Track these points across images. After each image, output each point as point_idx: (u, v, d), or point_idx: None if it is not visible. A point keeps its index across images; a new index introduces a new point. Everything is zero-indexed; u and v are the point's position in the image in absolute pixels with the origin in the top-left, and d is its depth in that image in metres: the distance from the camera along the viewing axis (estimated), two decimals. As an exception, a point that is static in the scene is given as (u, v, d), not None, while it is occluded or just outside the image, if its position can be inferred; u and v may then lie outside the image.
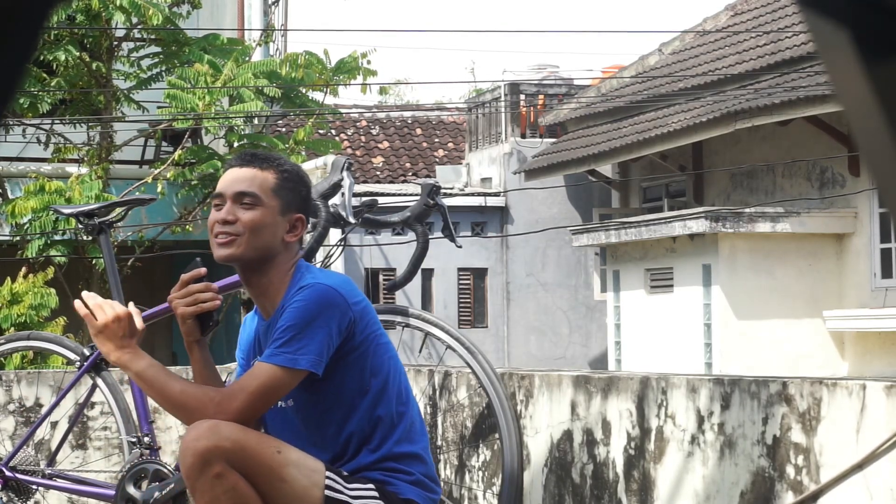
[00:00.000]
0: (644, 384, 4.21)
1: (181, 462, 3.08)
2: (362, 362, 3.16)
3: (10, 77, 0.82)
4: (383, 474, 3.17)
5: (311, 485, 3.06)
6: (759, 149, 16.09)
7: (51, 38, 12.49)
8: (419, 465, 3.23)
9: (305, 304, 3.07)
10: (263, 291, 3.20)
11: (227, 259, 3.16)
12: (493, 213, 20.30)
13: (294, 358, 3.04)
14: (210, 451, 2.99)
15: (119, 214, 4.83)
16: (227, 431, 3.02)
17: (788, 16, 16.03)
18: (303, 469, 3.07)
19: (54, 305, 11.41)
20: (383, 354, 3.20)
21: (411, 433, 3.22)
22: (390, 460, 3.19)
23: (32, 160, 13.91)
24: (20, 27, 0.81)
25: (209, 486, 3.01)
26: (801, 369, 13.81)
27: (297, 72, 13.29)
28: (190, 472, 3.02)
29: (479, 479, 5.07)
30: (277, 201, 3.18)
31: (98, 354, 4.78)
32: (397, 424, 3.20)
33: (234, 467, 3.01)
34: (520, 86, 20.96)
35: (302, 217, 3.22)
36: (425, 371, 5.40)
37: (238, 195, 3.17)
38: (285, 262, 3.19)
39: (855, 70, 0.82)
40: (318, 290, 3.09)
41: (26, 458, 4.89)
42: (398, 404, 3.21)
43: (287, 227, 3.19)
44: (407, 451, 3.20)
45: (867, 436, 3.38)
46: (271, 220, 3.16)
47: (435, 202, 4.81)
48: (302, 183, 3.26)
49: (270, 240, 3.16)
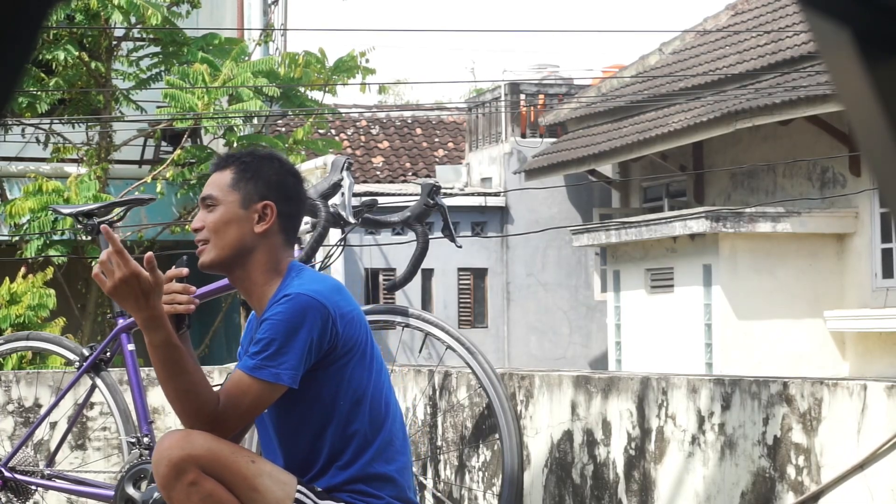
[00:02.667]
0: (644, 384, 4.20)
1: (155, 473, 3.04)
2: (340, 375, 3.09)
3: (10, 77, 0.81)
4: (352, 497, 3.10)
5: (284, 496, 3.03)
6: (760, 149, 16.09)
7: (50, 37, 12.49)
8: (390, 488, 3.14)
9: (286, 315, 3.01)
10: (249, 290, 3.15)
11: (204, 267, 3.16)
12: (493, 213, 20.31)
13: (277, 373, 3.00)
14: (184, 459, 2.97)
15: (118, 214, 4.82)
16: (199, 441, 3.00)
17: (789, 15, 16.02)
18: (276, 481, 3.04)
19: (53, 306, 11.41)
20: (364, 369, 3.12)
21: (387, 452, 3.14)
22: (360, 482, 3.11)
23: (31, 160, 13.91)
24: (20, 27, 0.80)
25: (185, 494, 2.99)
26: (802, 369, 13.81)
27: (296, 71, 13.29)
28: (164, 481, 3.00)
29: (479, 479, 5.07)
30: (236, 195, 3.13)
31: (97, 355, 4.78)
32: (372, 442, 3.12)
33: (208, 476, 3.00)
34: (520, 86, 20.96)
35: (268, 203, 3.12)
36: (425, 371, 5.39)
37: (202, 201, 3.18)
38: (266, 256, 3.12)
39: (856, 70, 0.82)
40: (300, 301, 3.01)
41: (25, 458, 4.88)
42: (375, 421, 3.13)
43: (255, 218, 3.12)
44: (379, 471, 3.13)
45: (868, 436, 3.38)
46: (233, 215, 3.12)
47: (435, 202, 4.81)
48: (265, 166, 3.17)
49: (238, 235, 3.12)
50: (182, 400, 3.05)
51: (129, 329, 4.68)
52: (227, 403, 3.03)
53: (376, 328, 4.10)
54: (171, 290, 3.14)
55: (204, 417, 3.03)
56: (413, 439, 5.30)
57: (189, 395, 3.04)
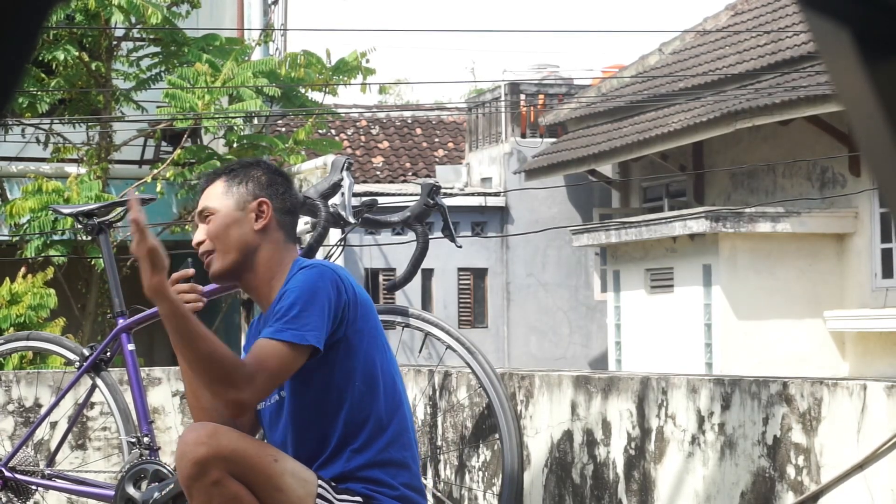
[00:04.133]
0: (644, 384, 4.20)
1: (178, 466, 3.03)
2: (354, 357, 3.11)
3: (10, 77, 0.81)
4: (367, 488, 3.10)
5: (306, 494, 3.03)
6: (760, 149, 16.09)
7: (50, 37, 12.49)
8: (405, 474, 3.15)
9: (304, 282, 3.05)
10: (258, 291, 3.19)
11: (215, 277, 3.20)
12: (493, 213, 20.31)
13: (302, 334, 2.99)
14: (209, 457, 2.96)
15: (118, 214, 4.83)
16: (226, 439, 2.99)
17: (789, 15, 16.02)
18: (298, 479, 3.04)
19: (53, 306, 11.40)
20: (377, 354, 3.15)
21: (400, 440, 3.16)
22: (375, 467, 3.12)
23: (31, 160, 13.91)
24: (19, 27, 0.80)
25: (205, 492, 2.97)
26: (802, 369, 13.81)
27: (297, 71, 13.29)
28: (187, 478, 2.99)
29: (479, 479, 5.07)
30: (230, 200, 3.19)
31: (97, 354, 4.78)
32: (387, 427, 3.14)
33: (231, 475, 2.98)
34: (520, 86, 20.96)
35: (262, 200, 3.18)
36: (425, 371, 5.39)
37: (199, 215, 3.24)
38: (270, 253, 3.17)
39: (855, 70, 0.82)
40: (314, 270, 3.09)
41: (26, 458, 4.88)
42: (389, 408, 3.14)
43: (253, 217, 3.18)
44: (395, 457, 3.14)
45: (868, 436, 3.38)
46: (230, 219, 3.17)
47: (435, 202, 4.81)
48: (252, 170, 3.24)
49: (239, 236, 3.17)
50: (206, 367, 2.94)
51: (128, 329, 4.68)
52: (255, 367, 2.96)
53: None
54: (179, 291, 3.16)
55: (233, 382, 2.93)
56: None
57: (212, 359, 2.93)
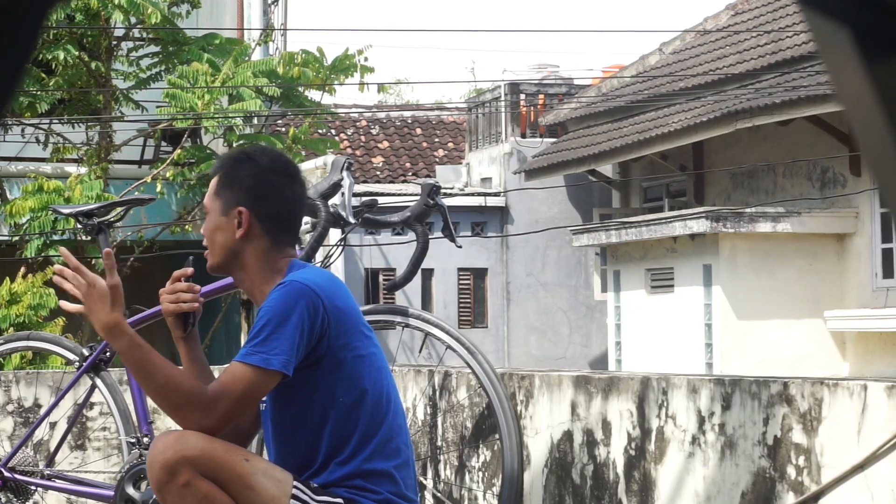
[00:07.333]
0: (644, 384, 4.20)
1: (149, 475, 3.03)
2: (336, 372, 3.08)
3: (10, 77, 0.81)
4: (349, 492, 3.09)
5: (280, 494, 3.02)
6: (760, 149, 16.09)
7: (50, 37, 12.49)
8: (389, 484, 3.13)
9: (278, 301, 3.02)
10: (250, 290, 3.21)
11: (210, 271, 3.25)
12: (493, 213, 20.30)
13: (267, 358, 2.98)
14: (177, 460, 2.96)
15: (118, 214, 4.83)
16: (193, 441, 3.00)
17: (789, 15, 16.02)
18: (271, 478, 3.03)
19: (53, 305, 11.41)
20: (362, 367, 3.11)
21: (386, 450, 3.13)
22: (359, 477, 3.10)
23: (31, 160, 13.91)
24: (19, 27, 0.80)
25: (179, 496, 2.98)
26: (802, 370, 13.80)
27: (294, 70, 13.28)
28: (158, 483, 2.99)
29: (479, 479, 5.07)
30: (219, 202, 3.20)
31: (97, 355, 4.78)
32: (371, 439, 3.11)
33: (203, 476, 2.98)
34: (520, 85, 20.95)
35: (241, 209, 3.15)
36: (425, 371, 5.39)
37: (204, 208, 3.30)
38: (254, 259, 3.16)
39: (855, 69, 0.82)
40: (291, 287, 3.03)
41: (25, 458, 4.88)
42: (375, 418, 3.12)
43: (235, 224, 3.16)
44: (378, 468, 3.11)
45: (868, 436, 3.38)
46: (216, 223, 3.20)
47: (435, 202, 4.81)
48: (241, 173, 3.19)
49: (223, 242, 3.18)
50: (165, 395, 3.04)
51: (129, 329, 4.68)
52: (219, 392, 3.01)
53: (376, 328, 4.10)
54: (177, 290, 3.19)
55: (193, 408, 3.00)
56: (413, 439, 5.30)
57: (169, 388, 3.02)
